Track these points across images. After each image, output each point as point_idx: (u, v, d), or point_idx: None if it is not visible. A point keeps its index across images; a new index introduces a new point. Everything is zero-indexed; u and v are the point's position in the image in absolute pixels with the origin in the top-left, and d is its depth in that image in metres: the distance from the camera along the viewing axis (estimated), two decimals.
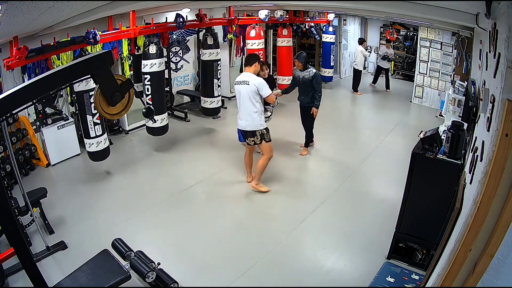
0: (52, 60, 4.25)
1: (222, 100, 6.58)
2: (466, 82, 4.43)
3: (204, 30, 5.78)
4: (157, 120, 4.97)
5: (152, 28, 4.95)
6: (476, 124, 2.32)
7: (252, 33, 6.72)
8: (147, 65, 4.80)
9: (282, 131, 5.67)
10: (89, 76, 2.09)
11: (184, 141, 5.74)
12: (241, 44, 7.20)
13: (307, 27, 8.55)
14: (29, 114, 4.79)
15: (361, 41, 8.75)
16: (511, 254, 1.38)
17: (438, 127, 3.18)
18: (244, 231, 3.63)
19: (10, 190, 3.98)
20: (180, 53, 7.11)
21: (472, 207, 1.54)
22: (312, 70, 4.77)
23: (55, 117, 4.97)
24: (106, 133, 4.62)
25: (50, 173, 4.80)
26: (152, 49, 4.76)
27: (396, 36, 10.07)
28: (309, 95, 4.86)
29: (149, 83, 4.88)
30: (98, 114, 4.33)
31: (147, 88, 4.91)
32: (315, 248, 3.37)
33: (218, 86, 5.89)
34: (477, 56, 3.40)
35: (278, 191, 4.27)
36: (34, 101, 2.00)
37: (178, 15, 5.24)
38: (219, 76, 5.86)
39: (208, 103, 5.94)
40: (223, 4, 6.35)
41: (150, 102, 4.89)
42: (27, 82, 1.83)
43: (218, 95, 5.96)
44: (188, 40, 7.17)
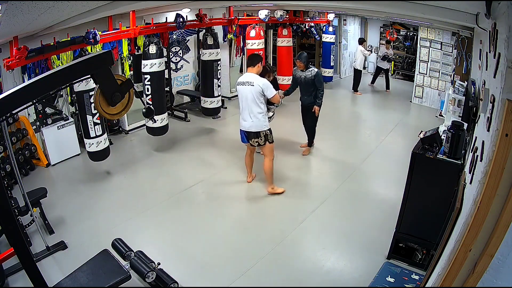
0: (52, 60, 4.25)
1: (222, 100, 6.58)
2: (466, 82, 4.43)
3: (204, 30, 5.78)
4: (157, 120, 4.97)
5: (152, 28, 4.95)
6: (476, 124, 2.32)
7: (252, 33, 6.72)
8: (147, 65, 4.81)
9: (282, 131, 5.67)
10: (89, 76, 2.09)
11: (184, 141, 5.74)
12: (241, 44, 7.20)
13: (307, 27, 8.54)
14: (29, 114, 4.79)
15: (361, 41, 8.75)
16: (511, 254, 1.38)
17: (438, 127, 3.18)
18: (244, 231, 3.63)
19: (10, 190, 3.98)
20: (180, 53, 7.10)
21: (472, 207, 1.54)
22: (313, 70, 4.77)
23: (55, 117, 4.97)
24: (106, 133, 4.62)
25: (50, 173, 4.80)
26: (152, 49, 4.76)
27: (396, 36, 10.07)
28: (311, 94, 4.86)
29: (149, 83, 4.89)
30: (98, 114, 4.32)
31: (147, 88, 4.91)
32: (315, 248, 3.37)
33: (218, 86, 5.89)
34: (477, 56, 3.39)
35: None
36: (34, 101, 2.00)
37: (178, 15, 5.24)
38: (219, 76, 5.86)
39: (208, 103, 5.94)
40: (223, 4, 6.35)
41: (150, 102, 4.89)
42: (27, 82, 1.83)
43: (218, 95, 5.96)
44: (188, 40, 7.17)
